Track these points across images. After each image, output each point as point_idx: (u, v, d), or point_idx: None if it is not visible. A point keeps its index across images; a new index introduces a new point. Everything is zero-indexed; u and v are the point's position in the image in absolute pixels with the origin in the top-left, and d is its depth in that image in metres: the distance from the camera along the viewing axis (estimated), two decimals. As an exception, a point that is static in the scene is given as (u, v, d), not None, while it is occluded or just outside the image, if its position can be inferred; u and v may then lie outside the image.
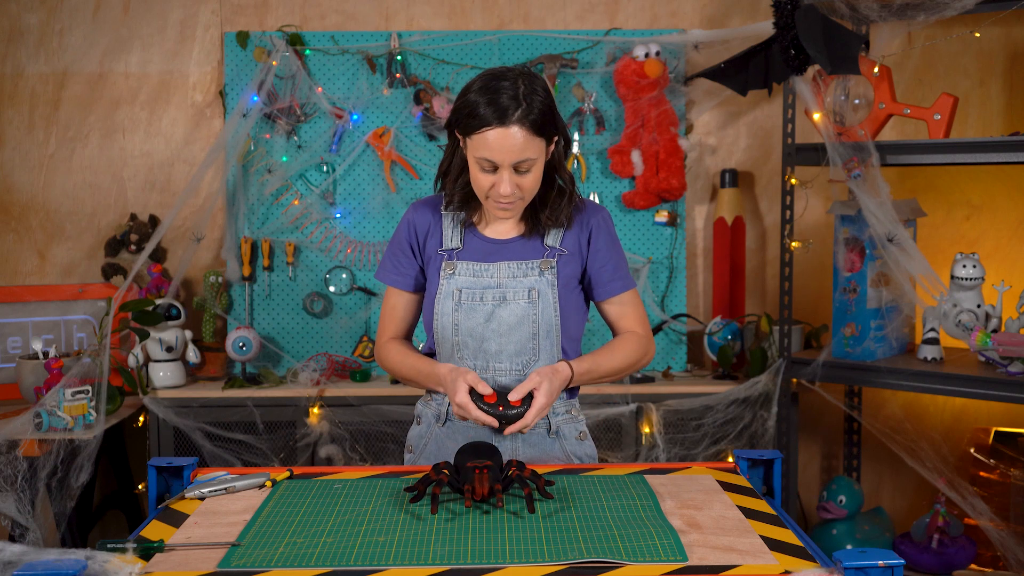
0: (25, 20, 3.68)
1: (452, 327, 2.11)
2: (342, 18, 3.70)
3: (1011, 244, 3.57)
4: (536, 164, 2.02)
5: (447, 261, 2.13)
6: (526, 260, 2.12)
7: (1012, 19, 3.39)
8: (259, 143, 3.62)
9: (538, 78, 2.04)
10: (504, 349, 2.10)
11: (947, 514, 3.30)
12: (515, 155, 1.98)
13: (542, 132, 2.00)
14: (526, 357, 2.10)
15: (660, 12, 3.72)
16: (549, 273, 2.11)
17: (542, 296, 2.09)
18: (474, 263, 2.12)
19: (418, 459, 2.22)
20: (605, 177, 3.68)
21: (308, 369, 3.54)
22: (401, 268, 2.19)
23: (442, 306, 2.11)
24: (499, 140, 1.97)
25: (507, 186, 2.00)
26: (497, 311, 2.09)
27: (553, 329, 2.11)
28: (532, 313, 2.09)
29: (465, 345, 2.11)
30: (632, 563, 1.54)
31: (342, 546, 1.64)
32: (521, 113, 1.96)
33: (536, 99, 1.98)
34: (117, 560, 1.53)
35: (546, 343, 2.11)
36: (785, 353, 3.39)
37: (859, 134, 3.20)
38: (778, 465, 2.04)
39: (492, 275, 2.11)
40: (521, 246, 2.13)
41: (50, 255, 3.75)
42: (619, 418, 3.39)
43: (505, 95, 1.96)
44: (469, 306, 2.10)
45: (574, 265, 2.14)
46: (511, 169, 2.00)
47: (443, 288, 2.12)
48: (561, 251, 2.13)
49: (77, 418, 3.07)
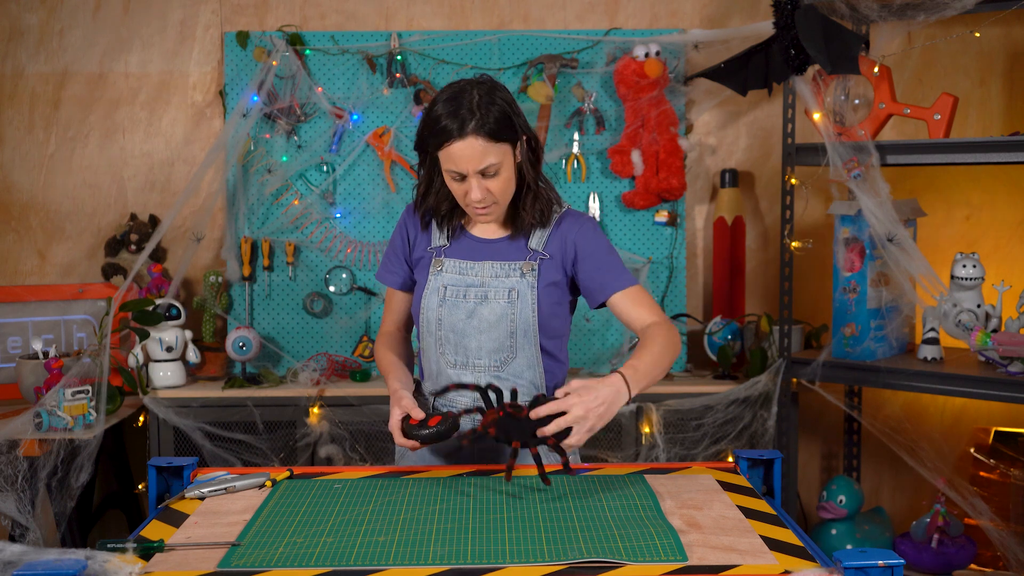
0: (25, 20, 3.68)
1: (436, 322, 2.19)
2: (342, 18, 3.70)
3: (1011, 244, 3.57)
4: (502, 167, 2.09)
5: (436, 258, 2.22)
6: (509, 261, 2.19)
7: (1012, 19, 3.40)
8: (259, 143, 3.62)
9: (499, 87, 2.11)
10: (483, 346, 2.17)
11: (947, 514, 3.30)
12: (477, 163, 2.06)
13: (501, 138, 2.07)
14: (504, 354, 2.17)
15: (660, 12, 3.72)
16: (530, 275, 2.17)
17: (521, 297, 2.16)
18: (460, 261, 2.20)
19: (407, 453, 2.25)
20: (605, 177, 3.68)
21: (308, 369, 3.54)
22: (391, 267, 2.31)
23: (428, 301, 2.20)
24: (460, 151, 2.05)
25: (477, 192, 2.09)
26: (478, 308, 2.17)
27: (531, 329, 2.16)
28: (511, 312, 2.16)
29: (447, 340, 2.19)
30: (632, 563, 1.55)
31: (342, 546, 1.64)
32: (476, 123, 2.04)
33: (493, 108, 2.06)
34: (117, 560, 1.53)
35: (524, 342, 2.17)
36: (785, 353, 3.39)
37: (859, 134, 3.20)
38: (778, 465, 2.04)
39: (476, 273, 2.19)
40: (506, 247, 2.21)
41: (50, 255, 3.75)
42: (619, 418, 3.39)
43: (464, 108, 2.05)
44: (453, 302, 2.18)
45: (556, 270, 2.19)
46: (478, 176, 2.08)
47: (430, 284, 2.21)
48: (543, 255, 2.19)
49: (77, 418, 3.07)
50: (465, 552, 1.61)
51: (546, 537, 1.67)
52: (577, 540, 1.65)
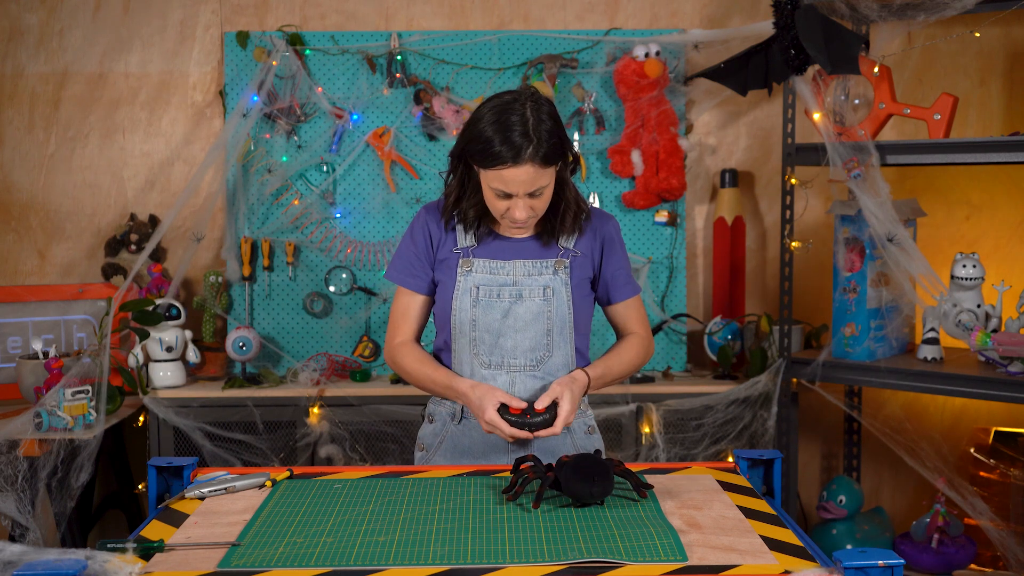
0: (25, 20, 3.68)
1: (470, 323, 2.16)
2: (342, 18, 3.70)
3: (1011, 244, 3.57)
4: (548, 187, 2.09)
5: (464, 259, 2.18)
6: (541, 259, 2.18)
7: (1012, 19, 3.40)
8: (259, 143, 3.62)
9: (544, 102, 2.08)
10: (520, 344, 2.16)
11: (947, 514, 3.30)
12: (528, 187, 2.05)
13: (553, 162, 2.06)
14: (540, 352, 2.17)
15: (660, 12, 3.72)
16: (563, 272, 2.17)
17: (556, 294, 2.16)
18: (490, 260, 2.18)
19: (432, 457, 2.24)
20: (605, 177, 3.68)
21: (308, 369, 3.54)
22: (414, 271, 2.23)
23: (460, 302, 2.17)
24: (514, 176, 2.03)
25: (522, 212, 2.08)
26: (514, 307, 2.15)
27: (567, 326, 2.17)
28: (547, 310, 2.16)
29: (482, 340, 2.17)
30: (632, 563, 1.55)
31: (342, 546, 1.64)
32: (533, 150, 2.01)
33: (544, 130, 2.03)
34: (117, 560, 1.53)
35: (560, 339, 2.17)
36: (785, 353, 3.39)
37: (859, 134, 3.20)
38: (778, 465, 2.04)
39: (508, 272, 2.17)
40: (535, 246, 2.20)
41: (50, 255, 3.75)
42: (619, 418, 3.39)
43: (516, 131, 2.01)
44: (487, 302, 2.16)
45: (586, 267, 2.21)
46: (525, 197, 2.06)
47: (460, 285, 2.17)
48: (575, 252, 2.20)
49: (77, 418, 3.07)
50: (465, 552, 1.61)
51: (546, 537, 1.67)
52: (577, 540, 1.65)
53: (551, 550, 1.60)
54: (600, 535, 1.67)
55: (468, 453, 2.21)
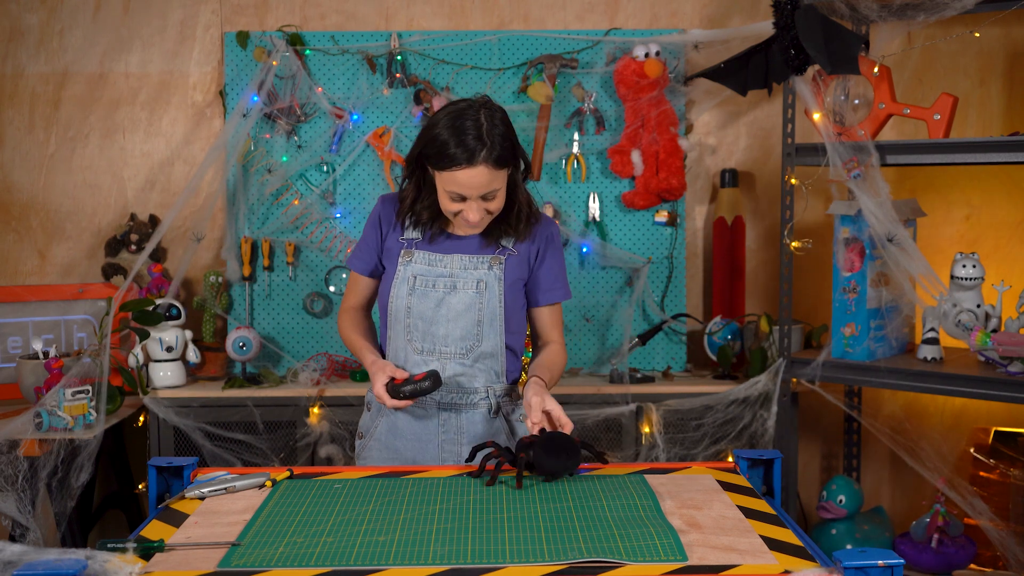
0: (25, 20, 3.68)
1: (405, 310, 2.29)
2: (342, 18, 3.70)
3: (1011, 244, 3.57)
4: (501, 190, 2.21)
5: (406, 250, 2.31)
6: (478, 255, 2.30)
7: (1012, 19, 3.39)
8: (259, 143, 3.62)
9: (496, 109, 2.21)
10: (451, 333, 2.28)
11: (947, 514, 3.30)
12: (482, 189, 2.17)
13: (505, 165, 2.17)
14: (471, 342, 2.28)
15: (660, 12, 3.72)
16: (497, 268, 2.29)
17: (489, 288, 2.28)
18: (430, 252, 2.30)
19: (368, 442, 2.38)
20: (605, 177, 3.68)
21: (308, 369, 3.54)
22: (362, 256, 2.40)
23: (397, 290, 2.30)
24: (468, 178, 2.15)
25: (475, 214, 2.20)
26: (447, 298, 2.28)
27: (497, 318, 2.28)
28: (479, 302, 2.27)
29: (415, 327, 2.29)
30: (632, 563, 1.55)
31: (342, 546, 1.64)
32: (486, 152, 2.13)
33: (497, 134, 2.15)
34: (117, 560, 1.53)
35: (490, 331, 2.28)
36: (785, 353, 3.39)
37: (859, 134, 3.20)
38: (778, 465, 2.04)
39: (446, 265, 2.29)
40: (476, 242, 2.32)
41: (50, 255, 3.75)
42: (619, 418, 3.39)
43: (470, 135, 2.13)
44: (422, 291, 2.28)
45: (522, 268, 2.33)
46: (479, 199, 2.18)
47: (400, 273, 2.30)
48: (511, 252, 2.32)
49: (77, 418, 3.07)
50: (465, 552, 1.61)
51: (546, 537, 1.67)
52: (577, 540, 1.65)
53: (551, 550, 1.61)
54: (600, 535, 1.67)
55: (401, 435, 2.32)
